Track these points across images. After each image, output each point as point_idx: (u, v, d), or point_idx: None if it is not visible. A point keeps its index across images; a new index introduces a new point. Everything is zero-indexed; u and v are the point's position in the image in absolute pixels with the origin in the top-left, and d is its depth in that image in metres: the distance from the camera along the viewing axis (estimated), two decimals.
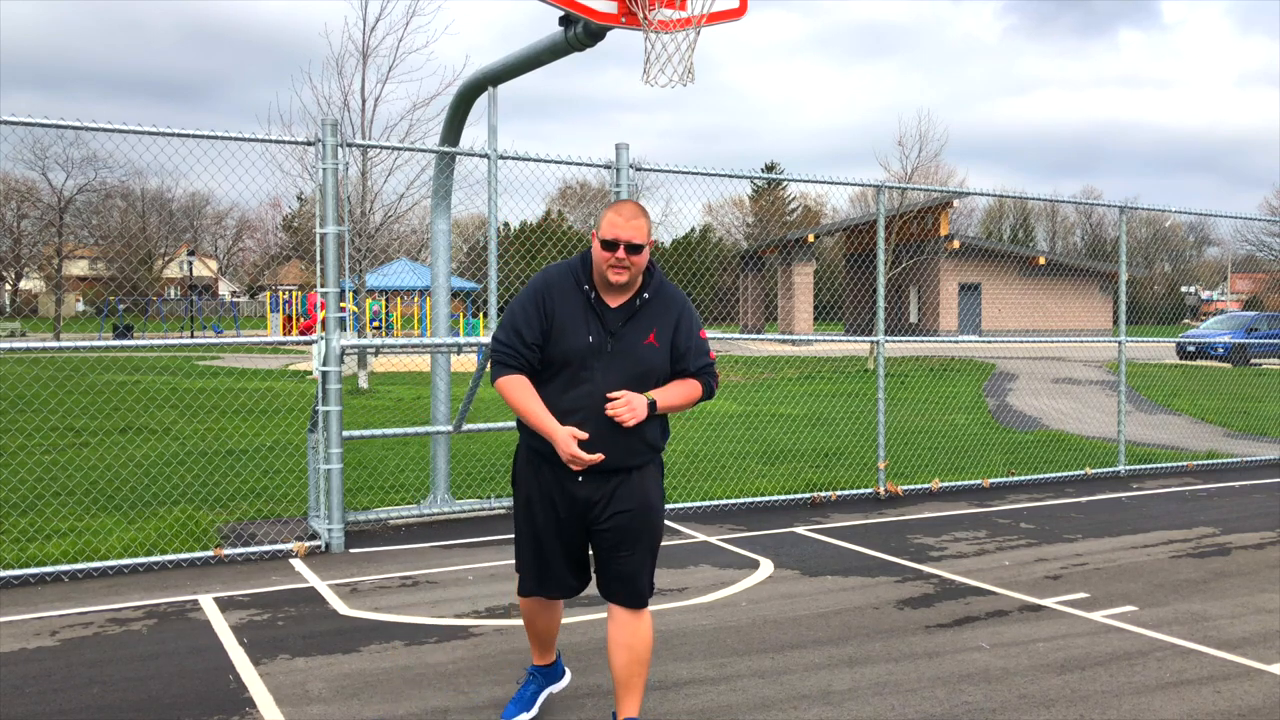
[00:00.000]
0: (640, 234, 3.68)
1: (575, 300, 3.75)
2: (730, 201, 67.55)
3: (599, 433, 3.68)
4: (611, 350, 3.71)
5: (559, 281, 3.78)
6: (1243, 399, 18.75)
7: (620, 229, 3.66)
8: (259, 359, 29.35)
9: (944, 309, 42.22)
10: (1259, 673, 4.92)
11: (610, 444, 3.69)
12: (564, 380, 3.73)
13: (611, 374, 3.69)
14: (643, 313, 3.78)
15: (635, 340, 3.74)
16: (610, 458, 3.70)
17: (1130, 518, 8.64)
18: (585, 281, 3.77)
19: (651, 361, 3.75)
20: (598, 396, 3.68)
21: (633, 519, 3.80)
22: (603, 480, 3.77)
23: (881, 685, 4.75)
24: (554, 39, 6.87)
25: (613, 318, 3.75)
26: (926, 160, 29.01)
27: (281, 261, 54.42)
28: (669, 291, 3.86)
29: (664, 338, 3.77)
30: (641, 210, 3.74)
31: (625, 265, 3.68)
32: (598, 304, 3.75)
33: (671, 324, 3.80)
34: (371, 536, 7.81)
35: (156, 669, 4.94)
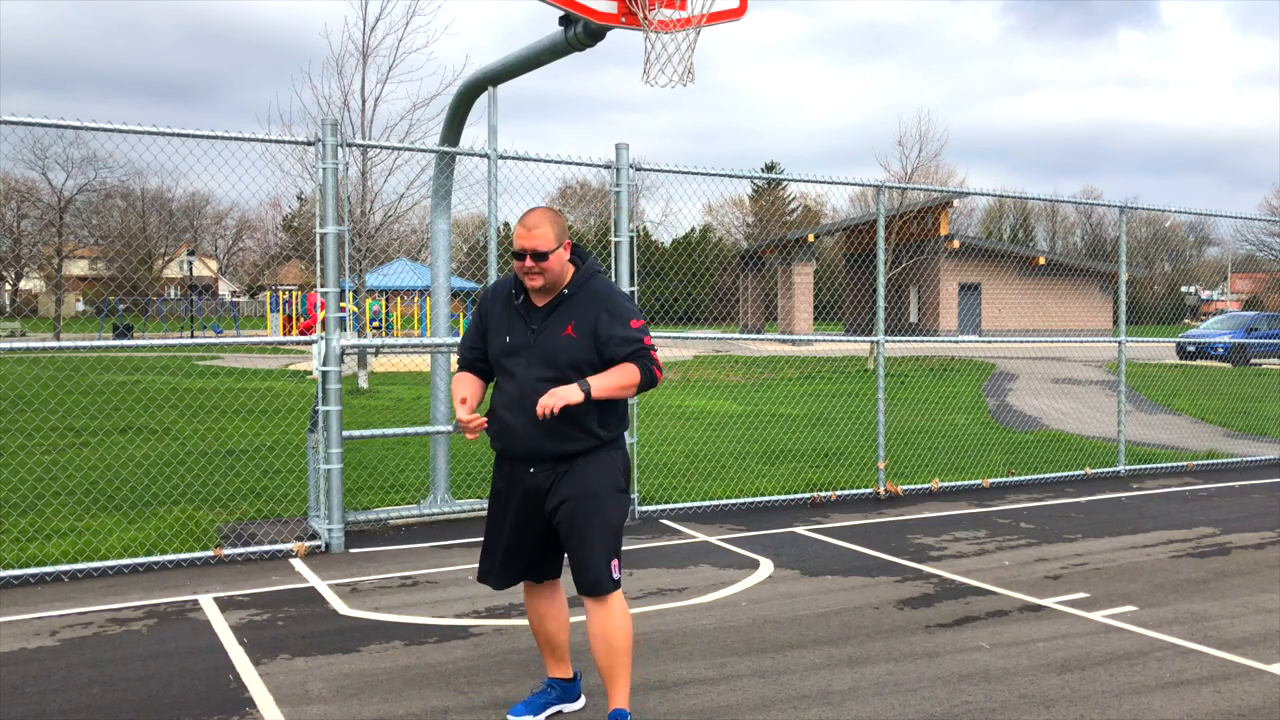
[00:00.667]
0: (543, 241, 3.89)
1: (507, 307, 4.08)
2: (730, 201, 67.60)
3: (530, 421, 3.92)
4: (533, 345, 3.97)
5: (497, 292, 4.14)
6: (1243, 399, 18.75)
7: (524, 239, 3.91)
8: (259, 359, 29.35)
9: (944, 309, 42.22)
10: (1259, 673, 4.92)
11: (543, 432, 3.92)
12: (498, 380, 4.10)
13: (533, 367, 3.95)
14: (563, 308, 3.99)
15: (554, 334, 3.96)
16: (547, 445, 3.94)
17: (1130, 518, 8.64)
18: (518, 289, 4.07)
19: (570, 353, 3.92)
20: (523, 388, 3.94)
21: (576, 507, 3.96)
22: (549, 470, 4.00)
23: (881, 685, 4.75)
24: (554, 39, 6.87)
25: (536, 316, 4.01)
26: (926, 160, 29.03)
27: (281, 261, 54.42)
28: (594, 286, 4.03)
29: (583, 329, 3.94)
30: (547, 217, 3.95)
31: (536, 271, 3.93)
32: (523, 307, 4.04)
33: (592, 317, 3.96)
34: (371, 536, 7.81)
35: (156, 669, 4.94)
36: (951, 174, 45.52)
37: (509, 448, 4.04)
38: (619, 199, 8.37)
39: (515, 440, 3.99)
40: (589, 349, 3.93)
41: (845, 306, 44.65)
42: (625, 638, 3.99)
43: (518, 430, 3.96)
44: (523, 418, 3.93)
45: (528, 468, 4.02)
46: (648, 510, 8.61)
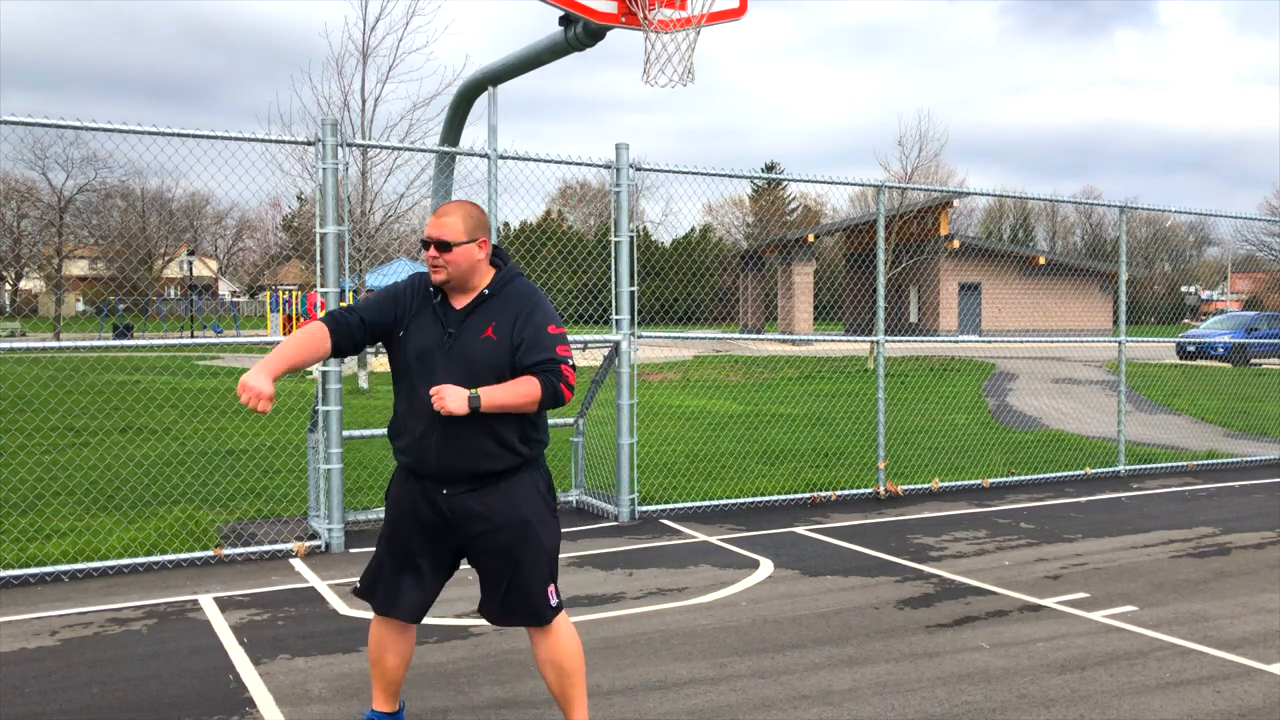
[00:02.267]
0: (449, 232, 3.61)
1: (425, 305, 3.72)
2: (730, 201, 67.60)
3: (444, 437, 3.58)
4: (448, 348, 3.63)
5: (418, 286, 3.77)
6: (1243, 399, 18.75)
7: (431, 228, 3.64)
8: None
9: (944, 309, 42.21)
10: (1259, 673, 4.92)
11: (458, 447, 3.58)
12: (408, 387, 3.67)
13: (450, 371, 3.58)
14: (482, 309, 3.68)
15: (472, 336, 3.64)
16: (463, 463, 3.60)
17: (1130, 518, 8.64)
18: (434, 288, 3.74)
19: (490, 357, 3.61)
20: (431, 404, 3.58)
21: (506, 539, 3.65)
22: (467, 490, 3.64)
23: (881, 685, 4.75)
24: (554, 39, 6.87)
25: (454, 317, 3.68)
26: (926, 160, 29.03)
27: (281, 261, 54.41)
28: (516, 288, 3.74)
29: (503, 332, 3.64)
30: (462, 209, 3.69)
31: (440, 264, 3.63)
32: (441, 307, 3.70)
33: (512, 319, 3.66)
34: (371, 536, 7.81)
35: (156, 669, 4.94)
36: (951, 174, 45.55)
37: (419, 464, 3.65)
38: (619, 199, 8.37)
39: (427, 456, 3.61)
40: (508, 352, 3.63)
41: (845, 306, 44.65)
42: (575, 659, 3.78)
43: (430, 444, 3.59)
44: (435, 430, 3.58)
45: (440, 488, 3.64)
46: (648, 510, 8.61)
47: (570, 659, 3.77)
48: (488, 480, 3.65)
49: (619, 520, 8.38)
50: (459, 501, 3.64)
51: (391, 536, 3.79)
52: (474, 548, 3.71)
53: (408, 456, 3.69)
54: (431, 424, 3.58)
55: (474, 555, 3.74)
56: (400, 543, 3.76)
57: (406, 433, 3.67)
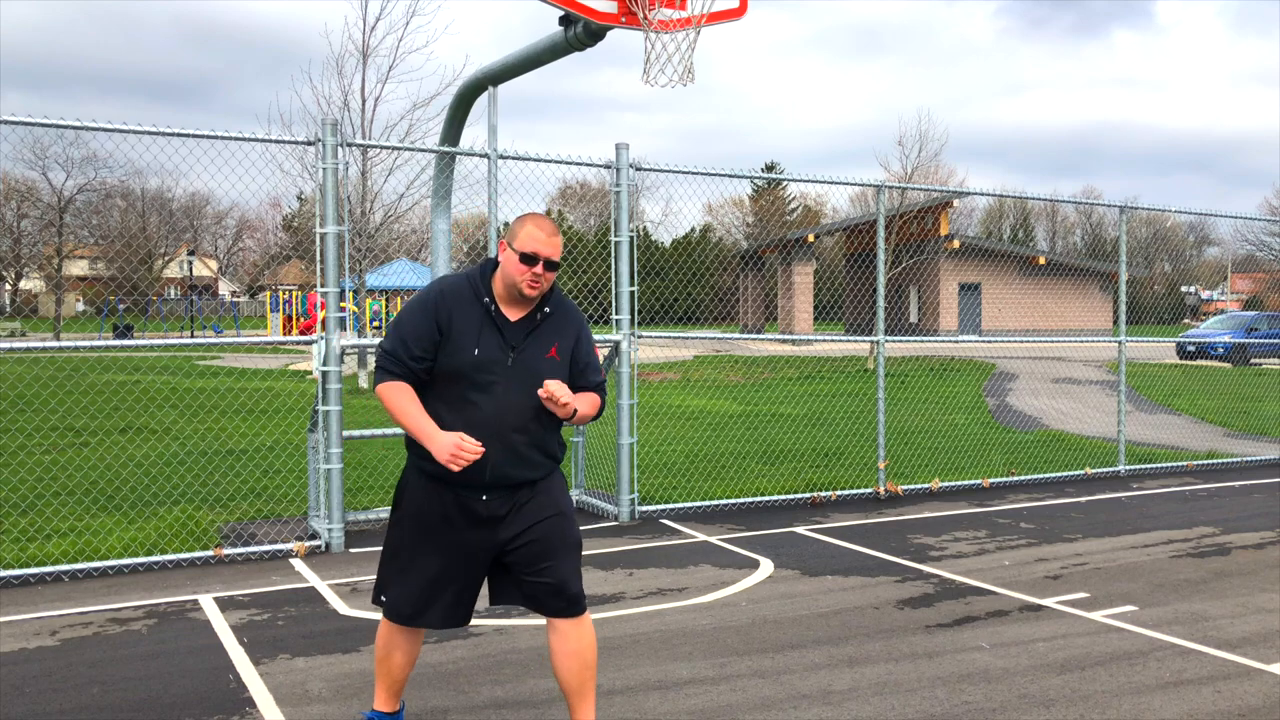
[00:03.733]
0: (558, 252, 3.63)
1: (473, 312, 3.63)
2: (730, 201, 67.59)
3: (499, 450, 3.59)
4: (512, 364, 3.60)
5: (457, 292, 3.66)
6: (1243, 399, 18.75)
7: (541, 245, 3.58)
8: (259, 359, 29.35)
9: (944, 309, 42.21)
10: (1259, 673, 4.92)
11: (511, 460, 3.62)
12: (458, 397, 3.60)
13: (513, 390, 3.59)
14: (544, 327, 3.69)
15: (538, 354, 3.64)
16: (514, 472, 3.64)
17: (1130, 518, 8.64)
18: (485, 293, 3.66)
19: (554, 375, 3.64)
20: (500, 409, 3.58)
21: (551, 527, 3.70)
22: (507, 496, 3.67)
23: (881, 685, 4.75)
24: (554, 39, 6.87)
25: (513, 331, 3.64)
26: (926, 160, 29.04)
27: (281, 261, 54.42)
28: (568, 306, 3.79)
29: (564, 352, 3.70)
30: (558, 228, 3.71)
31: (540, 281, 3.61)
32: (497, 316, 3.64)
33: (572, 339, 3.73)
34: (372, 536, 7.81)
35: (156, 669, 4.94)
36: (951, 174, 45.54)
37: (466, 474, 3.58)
38: (619, 199, 8.37)
39: (482, 468, 3.59)
40: (566, 373, 3.71)
41: (845, 306, 44.66)
42: (596, 653, 3.83)
43: (489, 458, 3.58)
44: (497, 443, 3.58)
45: (479, 495, 3.64)
46: (648, 510, 8.61)
47: (594, 653, 3.80)
48: (527, 485, 3.72)
49: (619, 520, 8.39)
50: (497, 504, 3.67)
51: (418, 548, 3.71)
52: (514, 544, 3.70)
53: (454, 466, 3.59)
54: (493, 437, 3.57)
55: (513, 550, 3.70)
56: (431, 554, 3.70)
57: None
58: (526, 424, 3.63)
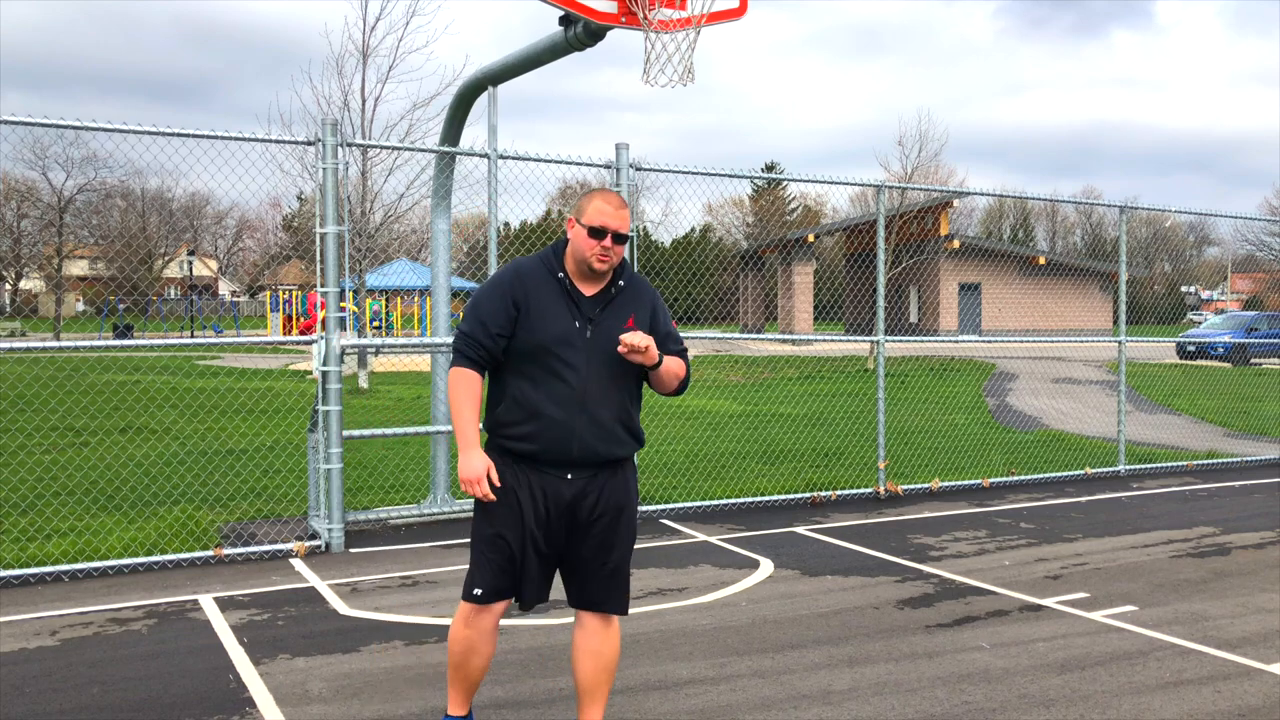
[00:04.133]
0: (627, 224, 3.62)
1: (550, 287, 3.63)
2: (730, 201, 67.58)
3: (586, 424, 3.58)
4: (591, 336, 3.60)
5: (531, 270, 3.67)
6: (1243, 399, 18.75)
7: (609, 218, 3.58)
8: (259, 359, 29.35)
9: (944, 309, 42.21)
10: (1259, 673, 4.92)
11: (598, 434, 3.60)
12: (542, 373, 3.59)
13: (593, 363, 3.59)
14: (619, 300, 3.69)
15: (614, 326, 3.62)
16: (601, 447, 3.62)
17: (1130, 518, 8.64)
18: (559, 269, 3.67)
19: None
20: (584, 383, 3.57)
21: (619, 518, 3.70)
22: (590, 476, 3.65)
23: (881, 685, 4.75)
24: (554, 39, 6.87)
25: (589, 305, 3.64)
26: (926, 160, 29.04)
27: (281, 261, 54.42)
28: (641, 280, 3.80)
29: (642, 324, 3.69)
30: (625, 202, 3.71)
31: (610, 254, 3.60)
32: (573, 291, 3.64)
33: (648, 310, 3.74)
34: (371, 536, 7.81)
35: (156, 669, 4.94)
36: (951, 173, 45.54)
37: (553, 449, 3.57)
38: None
39: (568, 442, 3.56)
40: None
41: (845, 306, 44.66)
42: (618, 657, 3.83)
43: (575, 431, 3.56)
44: (582, 417, 3.56)
45: (564, 473, 3.62)
46: (648, 510, 8.61)
47: (616, 655, 3.80)
48: (609, 466, 3.69)
49: None
50: (580, 486, 3.64)
51: (503, 529, 3.64)
52: (585, 531, 3.68)
53: (537, 443, 3.58)
54: (578, 410, 3.56)
55: (581, 538, 3.69)
56: (516, 534, 3.63)
57: (540, 418, 3.57)
58: (610, 397, 3.62)
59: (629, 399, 3.70)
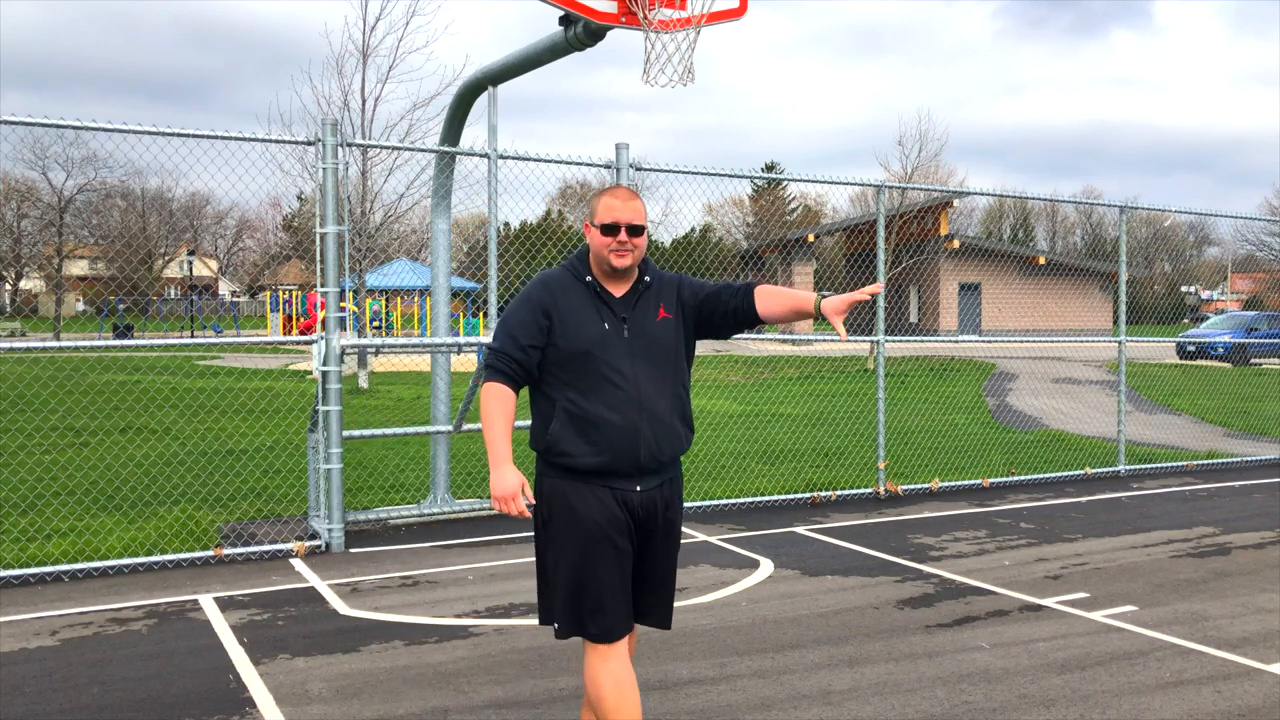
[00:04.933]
0: (639, 215, 3.51)
1: (579, 292, 3.54)
2: (730, 201, 67.56)
3: (650, 424, 3.42)
4: (628, 336, 3.49)
5: (558, 279, 3.58)
6: (1243, 399, 18.75)
7: (619, 211, 3.48)
8: (259, 359, 29.35)
9: (944, 309, 42.21)
10: (1259, 673, 4.92)
11: (663, 431, 3.45)
12: (591, 380, 3.43)
13: (638, 361, 3.45)
14: (647, 295, 3.59)
15: (648, 319, 3.54)
16: (668, 446, 3.48)
17: (1130, 518, 8.64)
18: (586, 274, 3.58)
19: (671, 336, 3.55)
20: (636, 388, 3.42)
21: (675, 520, 3.59)
22: (655, 480, 3.49)
23: (881, 685, 4.75)
24: (554, 39, 6.87)
25: (620, 305, 3.54)
26: (926, 160, 29.04)
27: (281, 261, 54.45)
28: (667, 275, 3.70)
29: (672, 308, 3.59)
30: (636, 193, 3.62)
31: (629, 248, 3.48)
32: (603, 293, 3.53)
33: (674, 293, 3.62)
34: (371, 536, 7.81)
35: (156, 669, 4.94)
36: (951, 173, 45.54)
37: (622, 459, 3.39)
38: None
39: (635, 447, 3.39)
40: (680, 328, 3.57)
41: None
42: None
43: (640, 434, 3.39)
44: (643, 418, 3.40)
45: (634, 486, 3.42)
46: None
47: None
48: (670, 470, 3.56)
49: None
50: (649, 498, 3.48)
51: (594, 552, 3.40)
52: (650, 545, 3.54)
53: (606, 455, 3.39)
54: (637, 411, 3.40)
55: (647, 552, 3.54)
56: (608, 555, 3.41)
57: (603, 428, 3.39)
58: (664, 391, 3.49)
59: (681, 389, 3.57)
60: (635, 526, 3.47)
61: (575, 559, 3.41)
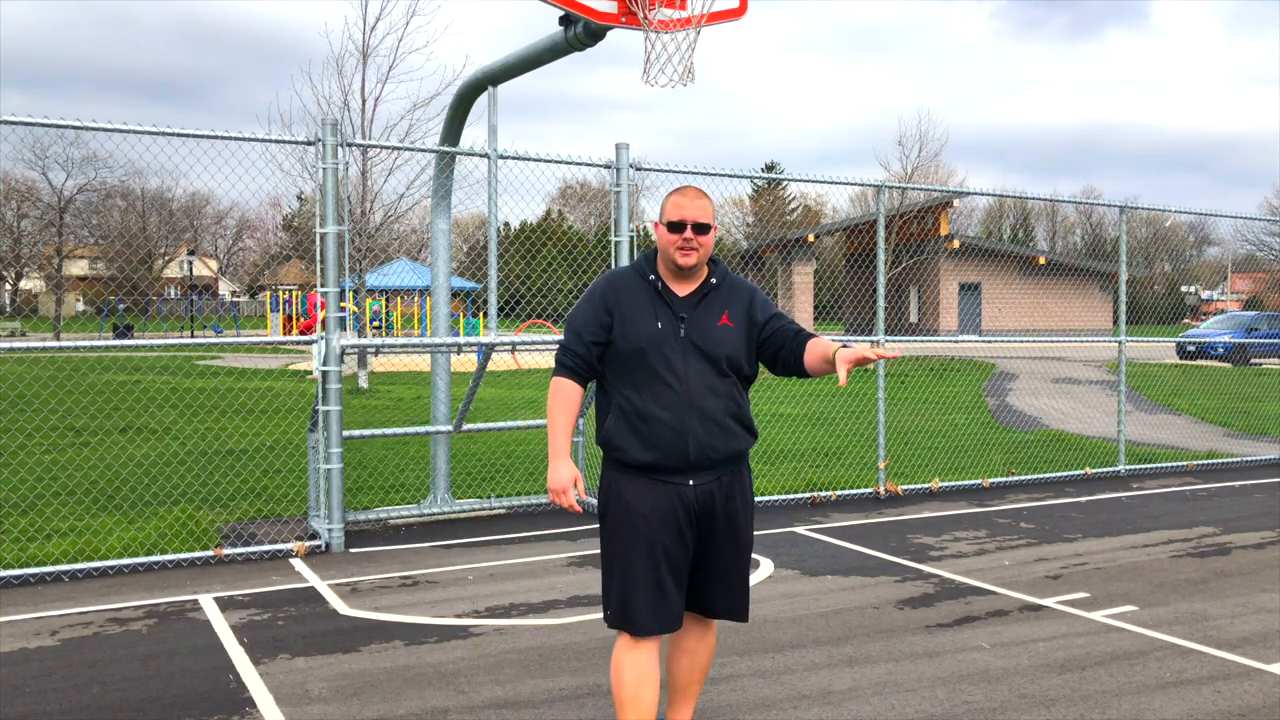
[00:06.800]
0: (706, 214, 3.59)
1: (641, 291, 3.62)
2: (730, 201, 67.54)
3: (699, 422, 3.51)
4: (685, 335, 3.56)
5: (622, 277, 3.68)
6: (1243, 399, 18.75)
7: (686, 209, 3.57)
8: (259, 359, 29.35)
9: (944, 309, 42.22)
10: (1259, 673, 4.92)
11: (712, 431, 3.53)
12: (644, 378, 3.53)
13: (690, 362, 3.53)
14: (712, 297, 3.64)
15: (709, 323, 3.59)
16: (720, 444, 3.54)
17: (1130, 517, 8.64)
18: (650, 273, 3.66)
19: (728, 344, 3.58)
20: (688, 382, 3.51)
21: (741, 517, 3.65)
22: (713, 478, 3.58)
23: (881, 685, 4.75)
24: (554, 39, 6.87)
25: (682, 304, 3.60)
26: (926, 160, 29.06)
27: (281, 261, 54.45)
28: (736, 280, 3.74)
29: (738, 318, 3.63)
30: (704, 193, 3.67)
31: (694, 246, 3.56)
32: (665, 292, 3.61)
33: (744, 304, 3.67)
34: (371, 536, 7.81)
35: (156, 669, 4.94)
36: (951, 173, 45.59)
37: (672, 455, 3.49)
38: (619, 199, 8.37)
39: (685, 444, 3.49)
40: (743, 340, 3.62)
41: (845, 306, 44.65)
42: (711, 657, 3.88)
43: (690, 431, 3.49)
44: (694, 416, 3.50)
45: (686, 480, 3.53)
46: None
47: (710, 655, 3.86)
48: (728, 465, 3.61)
49: None
50: (705, 491, 3.57)
51: (635, 547, 3.52)
52: (712, 538, 3.62)
53: (656, 451, 3.50)
54: (687, 409, 3.50)
55: (708, 546, 3.63)
56: (650, 551, 3.52)
57: (653, 424, 3.50)
58: (716, 391, 3.55)
59: (736, 391, 3.61)
60: (695, 520, 3.57)
61: (621, 551, 3.55)
